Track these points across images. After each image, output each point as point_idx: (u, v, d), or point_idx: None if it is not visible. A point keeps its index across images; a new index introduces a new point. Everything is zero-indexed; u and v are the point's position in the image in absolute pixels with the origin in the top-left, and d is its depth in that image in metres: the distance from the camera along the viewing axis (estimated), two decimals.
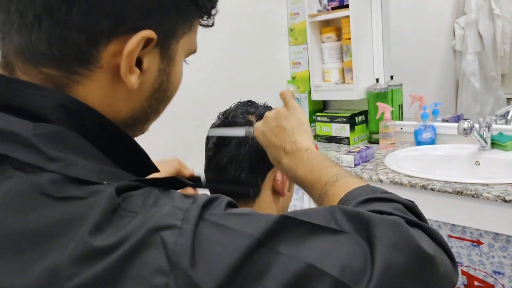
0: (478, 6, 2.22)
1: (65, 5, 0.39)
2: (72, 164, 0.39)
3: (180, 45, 0.48)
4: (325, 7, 2.01)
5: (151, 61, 0.45)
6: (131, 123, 0.48)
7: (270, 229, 0.37)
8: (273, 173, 0.81)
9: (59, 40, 0.40)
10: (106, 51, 0.41)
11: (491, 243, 1.32)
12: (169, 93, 0.50)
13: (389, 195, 0.50)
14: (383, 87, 1.92)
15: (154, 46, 0.43)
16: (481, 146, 1.58)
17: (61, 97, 0.42)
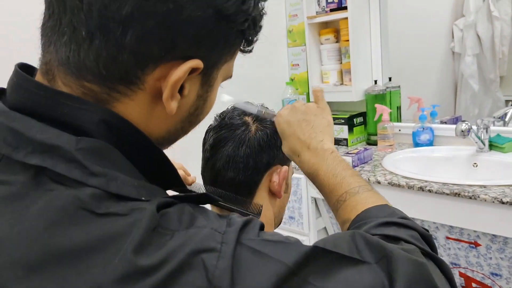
0: (476, 8, 2.22)
1: (121, 28, 0.39)
2: (113, 180, 0.39)
3: (221, 72, 0.49)
4: (323, 9, 2.01)
5: (192, 87, 0.45)
6: (162, 143, 0.49)
7: (303, 259, 0.39)
8: (270, 174, 0.81)
9: (108, 59, 0.40)
10: (151, 75, 0.42)
11: (488, 244, 1.32)
12: (201, 117, 0.51)
13: (406, 221, 0.52)
14: (381, 89, 1.92)
15: (198, 74, 0.44)
16: (479, 148, 1.58)
17: (104, 112, 0.42)
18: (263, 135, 0.80)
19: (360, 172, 1.56)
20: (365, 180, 0.63)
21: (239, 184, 0.79)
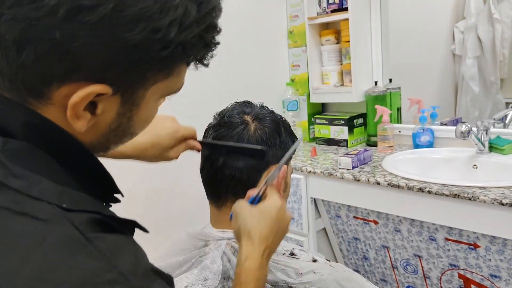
0: (477, 11, 2.23)
1: (15, 48, 0.39)
2: (35, 183, 0.40)
3: (151, 91, 0.47)
4: (324, 10, 2.01)
5: (108, 106, 0.44)
6: (89, 148, 0.48)
7: None
8: (269, 173, 0.81)
9: (10, 75, 0.41)
10: (57, 92, 0.42)
11: (488, 246, 1.32)
12: (132, 131, 0.50)
13: None
14: (382, 90, 1.92)
15: (113, 94, 0.43)
16: (479, 150, 1.58)
17: (29, 114, 0.42)
18: (262, 134, 0.80)
19: (359, 173, 1.56)
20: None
21: (237, 183, 0.79)
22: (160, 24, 0.41)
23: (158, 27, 0.41)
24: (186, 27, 0.43)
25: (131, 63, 0.42)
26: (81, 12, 0.38)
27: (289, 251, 0.81)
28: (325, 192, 1.70)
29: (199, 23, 0.45)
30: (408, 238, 1.52)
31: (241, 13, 2.03)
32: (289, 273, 0.76)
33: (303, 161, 1.80)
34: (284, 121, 0.86)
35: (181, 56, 0.46)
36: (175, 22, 0.42)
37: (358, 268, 1.83)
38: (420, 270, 1.57)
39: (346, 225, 1.74)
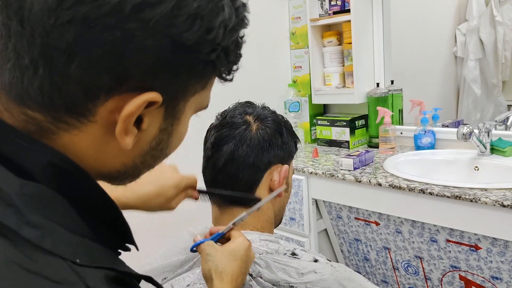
0: (479, 13, 2.23)
1: (65, 57, 0.36)
2: (49, 234, 0.36)
3: (190, 103, 0.44)
4: (326, 11, 2.02)
5: (152, 121, 0.42)
6: (116, 176, 0.45)
7: None
8: (270, 173, 0.82)
9: (52, 89, 0.37)
10: (103, 107, 0.39)
11: (489, 248, 1.32)
12: (167, 151, 0.47)
13: None
14: (384, 92, 1.93)
15: (159, 106, 0.41)
16: (480, 152, 1.58)
17: (53, 155, 0.39)
18: (264, 134, 0.80)
19: (361, 174, 1.56)
20: None
21: (239, 183, 0.79)
22: (213, 24, 0.39)
23: (211, 27, 0.39)
24: (230, 30, 0.42)
25: (180, 67, 0.40)
26: (144, 9, 0.36)
27: (290, 251, 0.81)
28: (326, 193, 1.70)
29: (237, 28, 0.44)
30: (409, 240, 1.52)
31: None
32: (290, 273, 0.76)
33: (305, 162, 1.80)
34: (286, 122, 0.86)
35: (222, 63, 0.43)
36: (223, 23, 0.40)
37: (359, 269, 1.83)
38: (421, 271, 1.57)
39: (347, 226, 1.74)
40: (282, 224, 1.78)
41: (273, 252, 0.79)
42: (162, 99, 0.40)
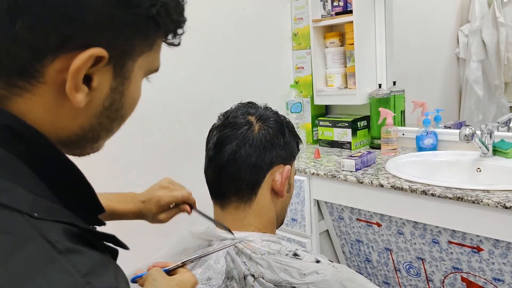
0: (482, 14, 2.23)
1: (8, 17, 0.37)
2: (6, 190, 0.37)
3: (138, 64, 0.46)
4: (329, 12, 2.02)
5: (102, 79, 0.43)
6: (77, 141, 0.46)
7: None
8: (272, 173, 0.82)
9: (1, 52, 0.38)
10: (51, 67, 0.39)
11: (491, 249, 1.31)
12: (123, 112, 0.48)
13: None
14: (386, 93, 1.93)
15: (106, 64, 0.42)
16: (482, 153, 1.58)
17: (8, 117, 0.40)
18: (266, 134, 0.80)
19: (363, 175, 1.56)
20: None
21: (241, 183, 0.79)
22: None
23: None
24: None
25: (122, 23, 0.42)
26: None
27: (292, 252, 0.81)
28: (328, 194, 1.70)
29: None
30: (411, 241, 1.52)
31: (246, 15, 2.03)
32: (292, 274, 0.76)
33: (307, 163, 1.80)
34: (288, 122, 0.87)
35: (164, 21, 0.45)
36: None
37: (361, 271, 1.83)
38: (423, 273, 1.57)
39: (349, 227, 1.74)
40: (284, 225, 1.78)
41: (275, 252, 0.79)
42: (108, 55, 0.41)
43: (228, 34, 1.97)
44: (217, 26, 1.92)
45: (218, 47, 1.93)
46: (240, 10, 2.01)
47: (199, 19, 1.84)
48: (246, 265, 0.77)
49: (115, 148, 1.61)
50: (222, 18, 1.94)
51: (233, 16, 1.99)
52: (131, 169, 1.66)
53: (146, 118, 1.68)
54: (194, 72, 1.85)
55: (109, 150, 1.14)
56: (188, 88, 1.83)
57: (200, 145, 0.96)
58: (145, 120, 1.68)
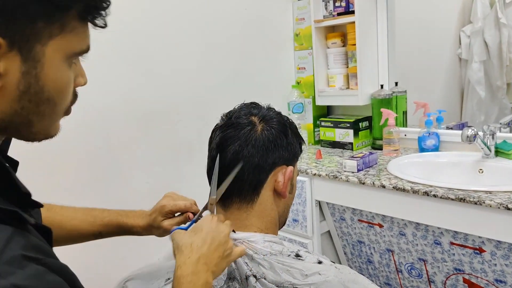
0: (484, 15, 2.22)
1: None
2: None
3: (51, 47, 0.47)
4: (331, 12, 2.01)
5: (10, 64, 0.45)
6: (6, 126, 0.48)
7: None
8: (275, 174, 0.82)
9: None
10: None
11: (493, 251, 1.31)
12: (46, 95, 0.49)
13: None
14: (388, 93, 1.92)
15: (9, 50, 0.44)
16: (485, 154, 1.57)
17: None
18: (269, 135, 0.80)
19: (364, 176, 1.55)
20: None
21: (244, 183, 0.79)
22: None
23: None
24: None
25: (14, 7, 0.43)
26: None
27: (294, 253, 0.81)
28: (329, 194, 1.70)
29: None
30: (413, 242, 1.52)
31: (248, 15, 2.03)
32: (294, 274, 0.76)
33: (308, 164, 1.80)
34: (291, 123, 0.86)
35: (63, 1, 0.46)
36: None
37: (362, 272, 1.82)
38: (425, 274, 1.57)
39: (351, 228, 1.74)
40: (285, 226, 1.77)
41: (277, 253, 0.79)
42: (5, 42, 0.43)
43: (229, 34, 1.97)
44: (219, 26, 1.92)
45: (219, 47, 1.93)
46: (242, 10, 2.01)
47: (201, 19, 1.84)
48: (248, 266, 0.77)
49: (116, 149, 1.61)
50: (224, 19, 1.94)
51: (234, 16, 1.99)
52: (133, 169, 1.66)
53: (148, 118, 1.68)
54: (196, 72, 1.85)
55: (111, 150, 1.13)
56: (190, 88, 1.83)
57: (202, 145, 0.96)
58: (147, 120, 1.68)
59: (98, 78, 1.54)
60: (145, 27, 1.67)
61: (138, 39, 1.65)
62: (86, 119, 1.51)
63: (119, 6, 1.59)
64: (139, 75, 1.66)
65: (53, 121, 0.53)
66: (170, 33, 1.75)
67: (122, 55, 1.61)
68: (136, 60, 1.65)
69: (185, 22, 1.80)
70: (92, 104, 1.51)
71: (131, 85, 1.64)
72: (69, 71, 0.51)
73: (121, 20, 1.58)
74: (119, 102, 1.60)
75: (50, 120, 0.52)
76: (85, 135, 1.51)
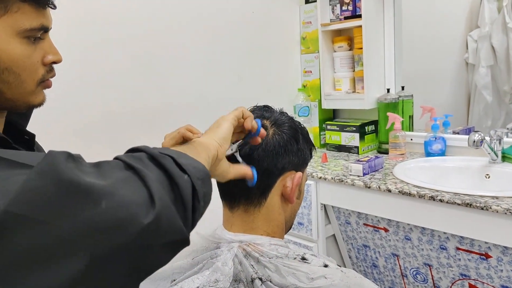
0: (491, 20, 2.21)
1: None
2: None
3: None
4: (337, 16, 2.02)
5: None
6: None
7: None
8: (283, 179, 0.82)
9: None
10: None
11: (499, 256, 1.30)
12: (3, 65, 0.57)
13: (146, 147, 0.51)
14: (394, 98, 1.92)
15: None
16: (491, 159, 1.57)
17: None
18: (279, 140, 0.80)
19: (370, 180, 1.55)
20: (190, 150, 0.62)
21: (252, 186, 0.79)
22: None
23: None
24: None
25: None
26: None
27: (300, 256, 0.81)
28: (335, 198, 1.69)
29: None
30: (419, 247, 1.51)
31: (255, 18, 2.04)
32: (300, 278, 0.76)
33: (314, 167, 1.80)
34: (302, 128, 0.86)
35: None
36: None
37: (367, 276, 1.82)
38: (430, 279, 1.56)
39: (356, 232, 1.73)
40: (291, 229, 1.78)
41: (283, 256, 0.79)
42: None
43: (236, 38, 1.97)
44: (226, 29, 1.93)
45: (226, 50, 1.94)
46: (249, 13, 2.02)
47: (208, 22, 1.85)
48: (254, 268, 0.77)
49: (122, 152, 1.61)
50: (231, 22, 1.94)
51: (242, 19, 2.00)
52: None
53: (155, 121, 1.69)
54: (203, 75, 1.86)
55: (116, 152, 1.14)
56: (196, 91, 1.83)
57: None
58: (154, 123, 1.69)
59: (106, 81, 1.55)
60: (153, 31, 1.68)
61: (146, 42, 1.66)
62: (91, 120, 1.52)
63: (127, 9, 1.60)
64: (146, 77, 1.67)
65: (24, 89, 0.61)
66: (177, 36, 1.76)
67: (130, 58, 1.62)
68: (143, 63, 1.66)
69: (193, 25, 1.81)
70: (99, 106, 1.52)
71: (138, 88, 1.65)
72: (24, 45, 0.59)
73: (129, 24, 1.59)
74: (127, 104, 1.61)
75: (20, 88, 0.60)
76: (89, 137, 1.52)
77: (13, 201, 0.38)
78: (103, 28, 1.53)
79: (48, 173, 0.40)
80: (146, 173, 0.45)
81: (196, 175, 0.49)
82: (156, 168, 0.47)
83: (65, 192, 0.39)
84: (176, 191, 0.46)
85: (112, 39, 1.56)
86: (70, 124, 1.46)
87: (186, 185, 0.47)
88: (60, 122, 1.42)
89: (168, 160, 0.48)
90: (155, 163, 0.47)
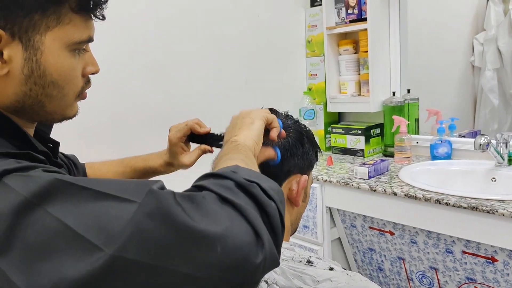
0: (497, 23, 2.21)
1: None
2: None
3: (49, 37, 0.53)
4: (343, 20, 2.02)
5: (13, 52, 0.52)
6: (22, 107, 0.55)
7: (41, 190, 0.42)
8: (289, 182, 0.82)
9: None
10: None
11: (506, 260, 1.30)
12: (49, 78, 0.55)
13: (228, 172, 0.50)
14: (400, 101, 1.92)
15: (12, 40, 0.51)
16: (498, 163, 1.56)
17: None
18: (285, 143, 0.80)
19: (376, 183, 1.55)
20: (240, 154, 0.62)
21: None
22: None
23: None
24: None
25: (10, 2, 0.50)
26: None
27: (305, 259, 0.81)
28: (340, 201, 1.69)
29: None
30: (424, 250, 1.51)
31: (260, 22, 2.05)
32: (306, 280, 0.76)
33: (319, 170, 1.80)
34: (308, 131, 0.87)
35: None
36: None
37: (373, 279, 1.81)
38: (436, 283, 1.55)
39: (362, 235, 1.73)
40: (296, 232, 1.78)
41: (288, 259, 0.79)
42: (6, 34, 0.50)
43: (242, 41, 1.98)
44: (232, 33, 1.93)
45: (232, 53, 1.94)
46: (255, 17, 2.03)
47: (214, 26, 1.86)
48: None
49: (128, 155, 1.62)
50: (237, 25, 1.95)
51: (247, 23, 2.00)
52: None
53: (161, 124, 1.70)
54: (208, 78, 1.86)
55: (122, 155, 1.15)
56: (203, 95, 1.84)
57: (215, 151, 0.96)
58: (160, 126, 1.70)
59: (115, 84, 1.56)
60: (161, 36, 1.69)
61: (154, 47, 1.67)
62: (98, 122, 1.53)
63: (137, 14, 1.61)
64: (152, 81, 1.68)
65: (65, 102, 0.58)
66: (185, 40, 1.77)
67: (138, 63, 1.63)
68: (150, 67, 1.67)
69: (199, 28, 1.82)
70: (106, 108, 1.53)
71: (145, 91, 1.66)
72: (71, 58, 0.56)
73: (139, 29, 1.61)
74: (135, 108, 1.63)
75: (61, 101, 0.58)
76: (95, 139, 1.53)
77: (123, 246, 0.38)
78: (113, 34, 1.54)
79: (158, 216, 0.40)
80: (245, 208, 0.45)
81: (278, 199, 0.50)
82: (248, 198, 0.47)
83: (182, 238, 0.40)
84: (266, 220, 0.46)
85: (122, 44, 1.57)
86: (76, 126, 1.47)
87: (275, 213, 0.47)
88: (67, 124, 1.43)
89: (256, 189, 0.48)
90: (245, 193, 0.47)
